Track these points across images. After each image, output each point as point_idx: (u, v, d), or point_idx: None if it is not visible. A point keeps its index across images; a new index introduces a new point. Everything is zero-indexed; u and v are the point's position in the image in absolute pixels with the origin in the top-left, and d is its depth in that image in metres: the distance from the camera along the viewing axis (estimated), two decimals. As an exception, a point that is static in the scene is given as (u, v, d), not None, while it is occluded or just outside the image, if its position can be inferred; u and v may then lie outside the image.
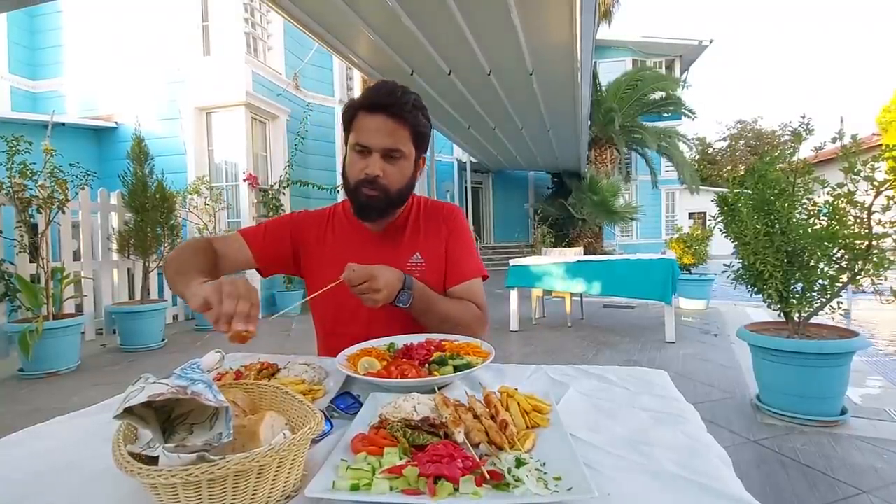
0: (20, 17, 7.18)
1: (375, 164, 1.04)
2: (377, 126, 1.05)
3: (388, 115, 1.04)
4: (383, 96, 1.05)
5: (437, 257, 1.20)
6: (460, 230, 1.24)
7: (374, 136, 1.04)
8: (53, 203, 4.10)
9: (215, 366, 0.81)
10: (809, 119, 2.76)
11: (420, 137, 1.11)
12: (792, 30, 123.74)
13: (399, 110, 1.05)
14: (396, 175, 1.08)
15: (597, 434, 0.64)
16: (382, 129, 1.04)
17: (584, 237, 12.91)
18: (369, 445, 0.57)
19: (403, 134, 1.06)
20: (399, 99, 1.05)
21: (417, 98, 1.10)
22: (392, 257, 1.16)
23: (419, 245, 1.19)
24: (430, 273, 1.16)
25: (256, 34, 7.18)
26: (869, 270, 2.45)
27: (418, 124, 1.08)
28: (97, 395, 0.85)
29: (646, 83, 12.93)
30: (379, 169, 1.04)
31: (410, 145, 1.09)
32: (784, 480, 1.94)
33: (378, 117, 1.05)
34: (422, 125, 1.10)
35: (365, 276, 0.94)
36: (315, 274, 1.21)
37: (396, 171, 1.08)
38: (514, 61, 4.65)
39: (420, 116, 1.09)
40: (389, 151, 1.05)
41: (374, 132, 1.05)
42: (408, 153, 1.08)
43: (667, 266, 4.38)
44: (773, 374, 2.60)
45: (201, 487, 0.44)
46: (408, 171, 1.11)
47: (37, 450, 0.67)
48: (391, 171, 1.07)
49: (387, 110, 1.04)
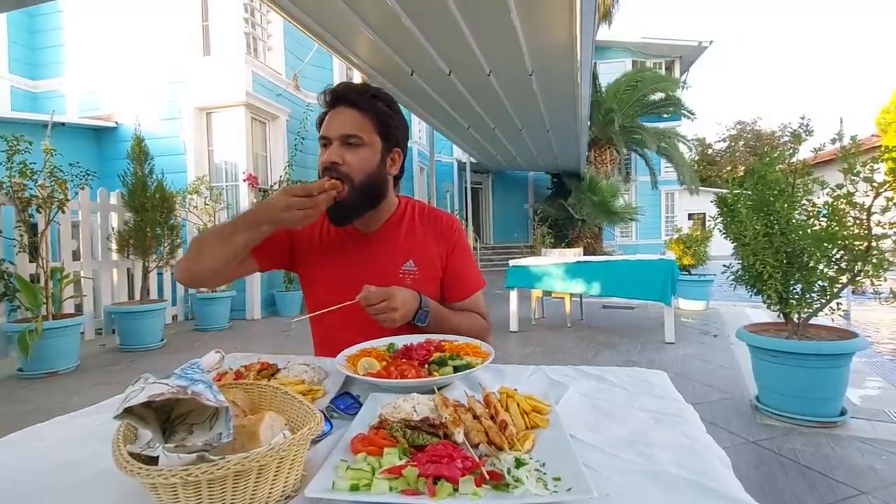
0: (20, 17, 7.18)
1: (333, 151, 1.04)
2: (337, 117, 1.07)
3: (346, 105, 1.07)
4: (340, 90, 1.08)
5: (431, 267, 1.17)
6: (464, 245, 1.23)
7: (331, 126, 1.06)
8: (53, 203, 4.10)
9: (215, 366, 0.82)
10: (809, 120, 2.77)
11: (385, 127, 1.09)
12: (791, 31, 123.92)
13: (356, 98, 1.07)
14: (357, 162, 1.05)
15: (596, 434, 0.64)
16: (340, 119, 1.06)
17: (584, 238, 12.91)
18: (369, 446, 0.57)
19: (363, 122, 1.06)
20: (356, 87, 1.09)
21: (381, 92, 1.11)
22: (383, 261, 1.15)
23: (413, 251, 1.16)
24: (422, 281, 1.14)
25: (256, 34, 7.18)
26: (868, 271, 2.45)
27: (379, 112, 1.08)
28: (97, 394, 0.85)
29: (645, 84, 12.93)
30: (337, 155, 1.04)
31: (373, 134, 1.07)
32: (783, 481, 1.94)
33: (337, 110, 1.07)
34: (383, 113, 1.09)
35: (382, 295, 0.96)
36: (309, 274, 1.20)
37: (357, 159, 1.05)
38: (513, 62, 4.64)
39: (380, 104, 1.08)
40: (346, 138, 1.05)
41: (332, 123, 1.07)
42: (369, 140, 1.07)
43: (666, 267, 4.38)
44: (772, 375, 2.60)
45: (201, 487, 0.44)
46: (372, 160, 1.08)
47: (37, 449, 0.67)
48: (351, 159, 1.05)
49: (344, 100, 1.07)
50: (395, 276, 1.14)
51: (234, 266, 1.08)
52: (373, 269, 1.14)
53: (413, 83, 5.14)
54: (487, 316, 1.23)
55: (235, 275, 1.13)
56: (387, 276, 1.13)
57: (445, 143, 12.06)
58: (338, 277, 1.16)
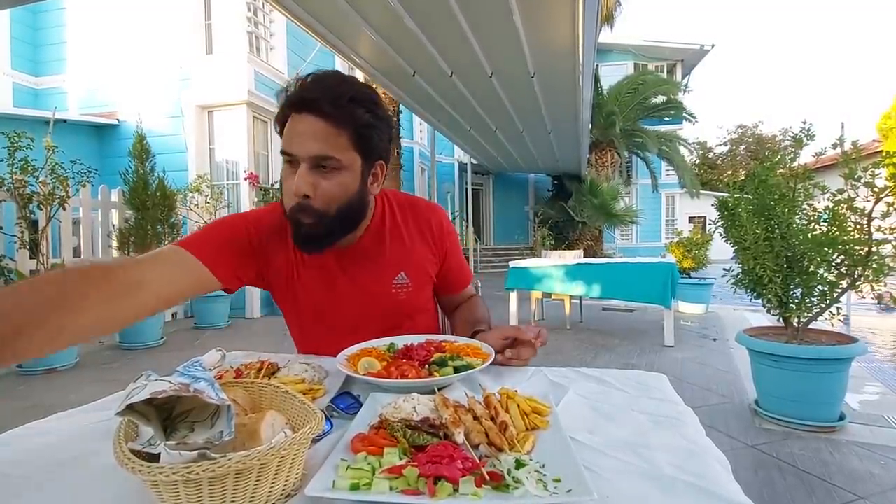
0: (23, 14, 7.19)
1: (301, 179, 0.84)
2: (304, 128, 0.84)
3: (316, 115, 0.83)
4: (310, 90, 0.84)
5: (423, 274, 1.08)
6: (455, 242, 1.16)
7: (299, 143, 0.84)
8: (54, 200, 4.10)
9: (216, 364, 0.82)
10: (810, 125, 2.77)
11: (365, 140, 0.88)
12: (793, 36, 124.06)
13: (330, 106, 0.83)
14: (333, 191, 0.86)
15: (596, 436, 0.64)
16: (308, 132, 0.84)
17: (584, 240, 12.90)
18: (369, 445, 0.57)
19: (339, 139, 0.85)
20: (330, 91, 0.83)
21: (361, 90, 0.88)
22: (371, 278, 1.03)
23: (403, 261, 1.05)
24: (415, 292, 1.07)
25: (259, 33, 7.19)
26: (868, 276, 2.45)
27: (359, 122, 0.85)
28: (96, 392, 0.85)
29: (647, 87, 12.94)
30: (308, 185, 0.84)
31: (351, 152, 0.87)
32: (782, 485, 1.94)
33: (305, 118, 0.84)
34: (364, 123, 0.86)
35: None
36: (289, 307, 1.07)
37: (333, 187, 0.86)
38: (515, 64, 4.65)
39: (361, 112, 0.85)
40: (319, 160, 0.84)
41: (299, 136, 0.85)
42: (347, 162, 0.87)
43: (666, 270, 4.38)
44: (771, 379, 2.60)
45: (202, 485, 0.45)
46: (351, 184, 0.89)
47: (36, 446, 0.67)
48: (327, 187, 0.86)
49: (314, 107, 0.83)
50: (387, 293, 1.04)
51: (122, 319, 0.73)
52: (361, 290, 1.03)
53: (415, 84, 5.15)
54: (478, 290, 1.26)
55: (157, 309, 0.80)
56: (379, 296, 1.04)
57: (446, 144, 12.07)
58: (324, 305, 1.04)
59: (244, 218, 1.01)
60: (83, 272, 0.69)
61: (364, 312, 1.05)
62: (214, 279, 0.89)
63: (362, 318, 1.05)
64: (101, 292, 0.68)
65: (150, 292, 0.76)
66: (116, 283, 0.71)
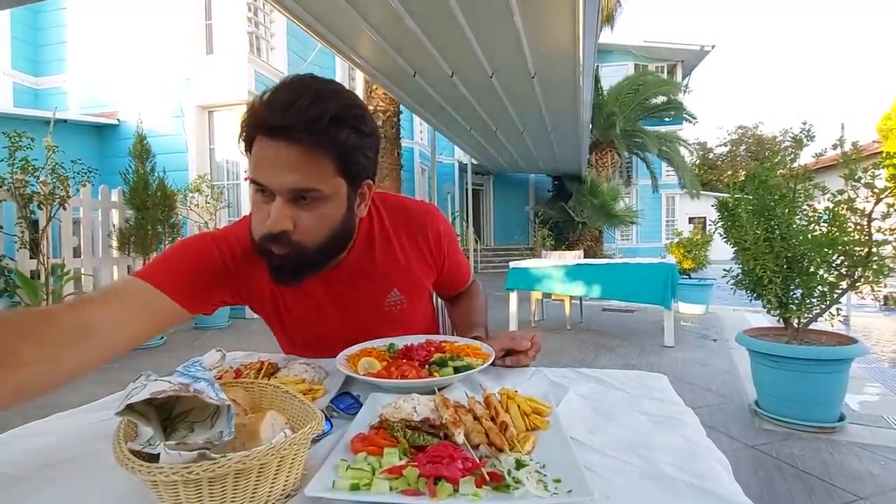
0: (24, 14, 7.20)
1: (279, 213, 0.72)
2: (277, 158, 0.71)
3: (290, 142, 0.70)
4: (279, 113, 0.69)
5: (418, 288, 1.02)
6: (454, 243, 1.08)
7: (272, 173, 0.72)
8: (54, 199, 4.10)
9: (216, 364, 0.82)
10: (810, 125, 2.77)
11: (350, 164, 0.76)
12: (794, 36, 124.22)
13: (307, 134, 0.70)
14: (314, 224, 0.76)
15: (596, 437, 0.64)
16: (284, 163, 0.71)
17: (584, 240, 12.90)
18: (369, 446, 0.57)
19: (320, 167, 0.73)
20: (305, 115, 0.69)
21: (343, 103, 0.74)
22: (362, 298, 0.97)
23: (395, 277, 0.98)
24: (409, 306, 1.02)
25: (259, 33, 7.20)
26: (868, 277, 2.45)
27: (342, 147, 0.73)
28: (96, 392, 0.85)
29: (647, 87, 12.94)
30: (286, 220, 0.73)
31: (336, 179, 0.75)
32: (782, 486, 1.94)
33: (278, 145, 0.71)
34: (349, 146, 0.74)
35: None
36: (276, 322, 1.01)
37: (314, 220, 0.76)
38: (516, 64, 4.65)
39: (344, 133, 0.73)
40: (299, 193, 0.73)
41: (272, 167, 0.72)
42: (331, 191, 0.75)
43: (666, 270, 4.38)
44: (771, 380, 2.60)
45: (202, 485, 0.44)
46: (336, 215, 0.79)
47: (36, 446, 0.67)
48: (306, 222, 0.75)
49: (288, 135, 0.70)
50: (380, 312, 0.99)
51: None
52: (352, 311, 0.97)
53: (415, 84, 5.15)
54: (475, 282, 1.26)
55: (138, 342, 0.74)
56: (371, 316, 0.99)
57: (447, 144, 12.08)
58: (314, 331, 0.99)
59: (213, 238, 0.88)
60: (11, 321, 0.58)
61: (357, 333, 0.99)
62: (181, 309, 0.78)
63: (355, 339, 0.98)
64: (39, 345, 0.57)
65: (101, 336, 0.65)
66: (60, 329, 0.61)
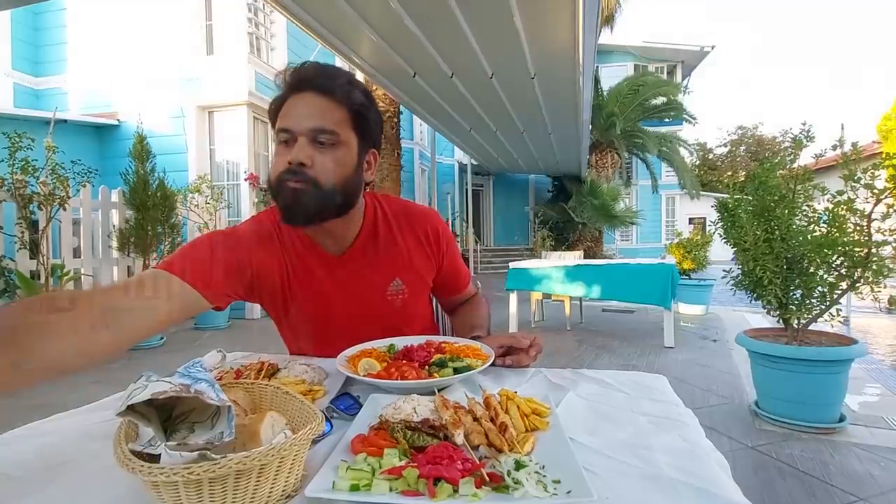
0: (24, 14, 7.20)
1: (300, 149, 0.85)
2: (303, 105, 0.87)
3: (315, 92, 0.87)
4: (308, 71, 0.89)
5: (419, 280, 1.08)
6: (453, 244, 1.14)
7: (298, 118, 0.86)
8: (54, 200, 4.10)
9: (217, 365, 0.82)
10: (810, 126, 2.77)
11: (362, 121, 0.91)
12: (794, 37, 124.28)
13: (328, 85, 0.87)
14: (332, 166, 0.87)
15: (596, 438, 0.64)
16: (308, 109, 0.87)
17: (584, 241, 12.91)
18: (369, 446, 0.57)
19: (338, 114, 0.88)
20: (328, 71, 0.89)
21: (355, 78, 0.94)
22: (365, 286, 1.03)
23: (397, 268, 1.04)
24: (412, 299, 1.07)
25: (259, 34, 7.20)
26: (868, 278, 2.46)
27: (356, 103, 0.89)
28: (96, 392, 0.85)
29: (647, 88, 12.94)
30: (306, 156, 0.85)
31: (349, 130, 0.89)
32: (781, 487, 1.94)
33: (304, 96, 0.87)
34: (361, 105, 0.90)
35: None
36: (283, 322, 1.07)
37: (330, 161, 0.87)
38: (516, 65, 4.65)
39: (357, 94, 0.90)
40: (318, 133, 0.86)
41: (298, 112, 0.87)
42: (345, 138, 0.89)
43: (666, 271, 4.38)
44: (771, 381, 2.60)
45: (202, 486, 0.45)
46: (348, 163, 0.90)
47: (36, 446, 0.66)
48: (322, 161, 0.86)
49: (313, 86, 0.87)
50: (382, 300, 1.04)
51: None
52: (355, 298, 1.02)
53: (415, 85, 5.16)
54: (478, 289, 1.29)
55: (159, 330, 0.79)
56: (372, 304, 1.04)
57: (446, 144, 12.09)
58: (318, 319, 1.04)
59: (226, 234, 0.97)
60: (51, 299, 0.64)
61: (358, 321, 1.04)
62: (203, 300, 0.84)
63: (356, 326, 1.03)
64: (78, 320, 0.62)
65: (128, 321, 0.70)
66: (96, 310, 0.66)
